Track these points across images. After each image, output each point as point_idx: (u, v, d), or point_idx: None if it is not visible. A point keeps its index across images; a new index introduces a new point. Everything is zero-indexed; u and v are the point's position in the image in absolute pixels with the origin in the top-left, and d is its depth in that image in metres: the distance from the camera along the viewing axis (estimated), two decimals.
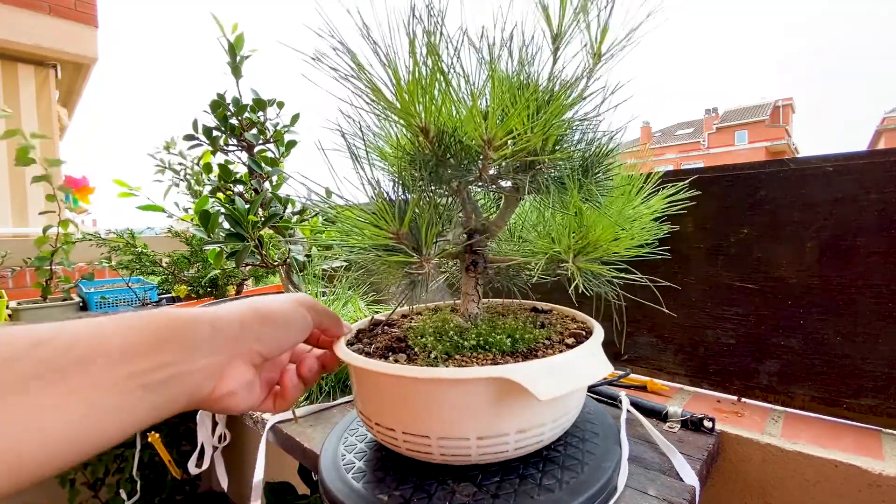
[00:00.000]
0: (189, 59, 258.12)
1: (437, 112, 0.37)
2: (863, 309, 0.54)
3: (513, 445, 0.39)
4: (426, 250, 0.39)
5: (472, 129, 0.36)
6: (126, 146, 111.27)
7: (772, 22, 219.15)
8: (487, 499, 0.38)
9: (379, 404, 0.42)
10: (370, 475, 0.43)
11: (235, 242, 0.85)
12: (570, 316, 0.55)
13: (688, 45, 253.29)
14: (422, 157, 0.39)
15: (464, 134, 0.38)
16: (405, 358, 0.42)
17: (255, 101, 0.95)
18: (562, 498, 0.38)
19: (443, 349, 0.42)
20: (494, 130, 0.36)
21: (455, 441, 0.38)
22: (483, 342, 0.43)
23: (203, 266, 1.46)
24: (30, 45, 2.94)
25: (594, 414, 0.53)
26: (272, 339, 0.36)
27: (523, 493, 0.39)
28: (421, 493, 0.40)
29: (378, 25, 0.36)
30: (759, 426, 0.56)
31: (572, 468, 0.43)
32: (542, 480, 0.41)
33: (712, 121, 34.00)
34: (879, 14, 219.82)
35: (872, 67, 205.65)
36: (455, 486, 0.40)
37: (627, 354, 0.74)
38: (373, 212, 0.38)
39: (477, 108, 0.36)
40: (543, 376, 0.36)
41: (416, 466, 0.43)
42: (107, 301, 1.55)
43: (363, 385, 0.43)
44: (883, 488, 0.46)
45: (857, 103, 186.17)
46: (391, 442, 0.42)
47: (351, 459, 0.46)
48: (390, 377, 0.38)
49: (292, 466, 0.99)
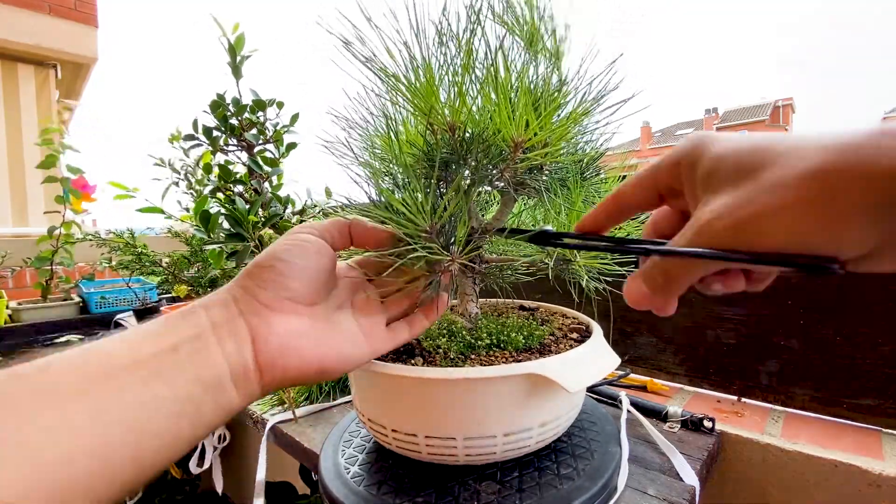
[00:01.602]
0: (189, 60, 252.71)
1: (467, 112, 0.36)
2: (863, 309, 0.54)
3: (535, 439, 0.40)
4: (456, 248, 0.38)
5: (506, 130, 0.35)
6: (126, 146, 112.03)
7: (772, 21, 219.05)
8: (513, 494, 0.39)
9: (397, 410, 0.41)
10: (371, 476, 0.43)
11: (236, 243, 0.85)
12: (558, 312, 0.56)
13: (687, 44, 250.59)
14: (441, 156, 0.38)
15: (492, 134, 0.37)
16: (422, 360, 0.41)
17: (255, 101, 0.95)
18: (583, 484, 0.40)
19: (458, 349, 0.42)
20: (528, 133, 0.35)
21: (481, 440, 0.38)
22: (496, 341, 0.43)
23: (203, 266, 1.46)
24: (30, 45, 2.94)
25: (595, 414, 0.53)
26: (276, 278, 0.31)
27: (546, 485, 0.40)
28: (446, 497, 0.39)
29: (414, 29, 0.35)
30: (759, 426, 0.56)
31: (584, 456, 0.44)
32: (559, 470, 0.42)
33: (712, 121, 34.01)
34: (879, 14, 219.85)
35: (872, 68, 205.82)
36: (478, 486, 0.40)
37: (627, 354, 0.74)
38: (398, 209, 0.37)
39: (509, 111, 0.35)
40: (569, 370, 0.38)
41: (423, 467, 0.43)
42: (107, 301, 1.55)
43: (377, 391, 0.42)
44: (883, 488, 0.46)
45: (857, 103, 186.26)
46: (411, 449, 0.41)
47: (352, 458, 0.46)
48: (414, 380, 0.37)
49: (292, 466, 0.99)
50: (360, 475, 0.43)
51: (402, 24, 0.35)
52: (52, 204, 1.47)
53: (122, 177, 1.11)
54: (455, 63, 0.36)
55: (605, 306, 0.75)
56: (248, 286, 0.31)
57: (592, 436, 0.48)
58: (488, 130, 0.36)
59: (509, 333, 0.44)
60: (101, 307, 1.53)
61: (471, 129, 0.38)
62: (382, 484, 0.42)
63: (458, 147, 0.38)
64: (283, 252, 0.32)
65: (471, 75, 0.36)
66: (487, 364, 0.39)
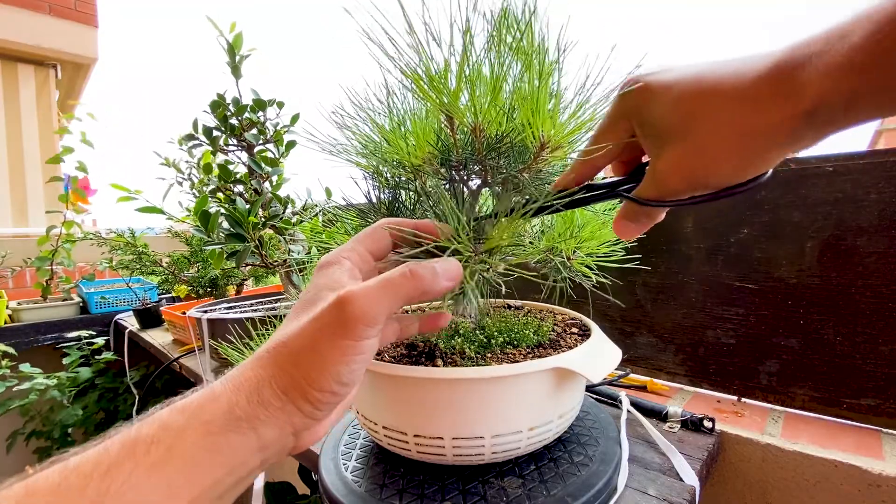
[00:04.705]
0: (189, 60, 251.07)
1: (494, 113, 0.35)
2: (863, 309, 0.54)
3: (554, 431, 0.41)
4: (490, 254, 0.37)
5: (537, 127, 0.34)
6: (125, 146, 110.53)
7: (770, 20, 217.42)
8: (538, 485, 0.40)
9: (422, 415, 0.39)
10: (373, 477, 0.43)
11: (236, 243, 0.85)
12: (545, 309, 0.57)
13: (687, 44, 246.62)
14: (461, 156, 0.38)
15: (517, 135, 0.36)
16: (441, 362, 0.41)
17: (255, 101, 0.95)
18: (599, 468, 0.42)
19: (474, 350, 0.42)
20: (557, 132, 0.34)
21: (508, 437, 0.39)
22: (509, 339, 0.44)
23: (203, 266, 1.46)
24: (30, 45, 2.94)
25: (595, 414, 0.53)
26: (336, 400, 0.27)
27: (567, 473, 0.41)
28: (473, 497, 0.39)
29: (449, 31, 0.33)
30: (759, 426, 0.56)
31: (590, 444, 0.46)
32: (573, 458, 0.43)
33: None
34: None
35: None
36: (501, 482, 0.41)
37: (627, 354, 0.74)
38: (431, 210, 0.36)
39: (545, 110, 0.33)
40: (589, 362, 0.40)
41: (430, 466, 0.43)
42: (107, 301, 1.55)
43: (399, 397, 0.40)
44: (883, 488, 0.46)
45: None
46: (434, 453, 0.40)
47: (351, 458, 0.46)
48: (443, 382, 0.37)
49: (292, 466, 0.99)
50: (360, 475, 0.43)
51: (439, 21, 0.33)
52: (53, 204, 1.47)
53: (122, 177, 1.11)
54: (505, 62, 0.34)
55: (605, 306, 0.75)
56: (307, 411, 0.26)
57: (590, 424, 0.50)
58: (515, 129, 0.35)
59: (521, 331, 0.45)
60: (101, 307, 1.53)
61: (498, 129, 0.36)
62: (385, 486, 0.42)
63: (480, 146, 0.37)
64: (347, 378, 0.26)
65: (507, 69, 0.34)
66: (506, 361, 0.40)
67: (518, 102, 0.35)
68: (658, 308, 0.70)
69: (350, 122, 0.41)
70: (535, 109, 0.33)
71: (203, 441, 0.23)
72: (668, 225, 0.68)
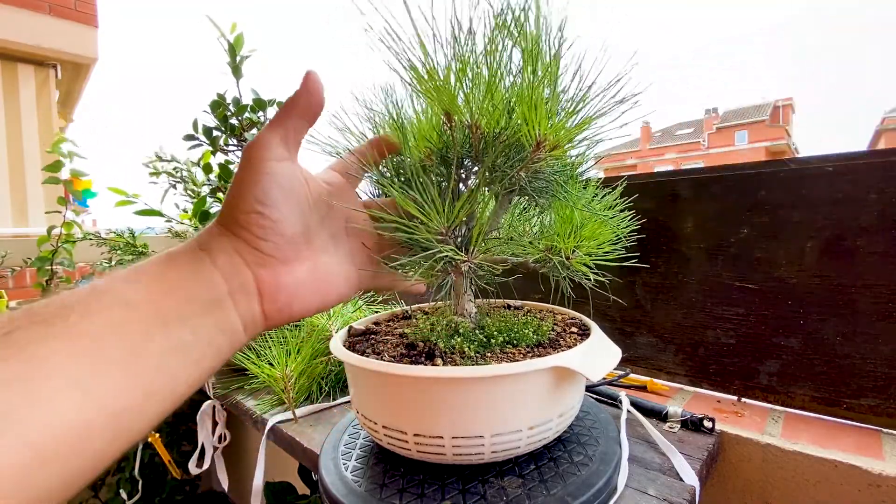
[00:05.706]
0: (189, 60, 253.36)
1: (491, 111, 0.35)
2: (863, 309, 0.54)
3: (553, 430, 0.41)
4: (473, 247, 0.37)
5: (532, 126, 0.35)
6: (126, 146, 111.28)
7: (771, 19, 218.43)
8: (538, 485, 0.40)
9: (421, 415, 0.39)
10: (373, 477, 0.43)
11: None
12: (545, 309, 0.56)
13: (686, 44, 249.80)
14: (458, 153, 0.38)
15: (513, 133, 0.36)
16: (441, 362, 0.41)
17: (256, 101, 0.95)
18: (599, 468, 0.42)
19: (474, 349, 0.42)
20: (553, 130, 0.35)
21: (507, 436, 0.39)
22: (509, 338, 0.44)
23: None
24: (30, 45, 2.94)
25: (594, 414, 0.53)
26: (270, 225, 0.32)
27: (566, 473, 0.41)
28: (473, 496, 0.39)
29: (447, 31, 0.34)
30: (759, 426, 0.56)
31: (590, 444, 0.46)
32: (572, 458, 0.43)
33: (712, 121, 33.98)
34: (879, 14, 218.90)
35: (872, 68, 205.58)
36: (501, 482, 0.41)
37: (627, 354, 0.74)
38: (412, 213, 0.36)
39: (543, 108, 0.34)
40: (589, 360, 0.40)
41: (429, 466, 0.43)
42: None
43: (398, 396, 0.40)
44: (883, 488, 0.46)
45: (857, 103, 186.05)
46: (434, 452, 0.40)
47: (351, 458, 0.46)
48: (443, 381, 0.37)
49: (292, 466, 0.99)
50: (360, 475, 0.43)
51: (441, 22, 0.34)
52: (53, 204, 1.47)
53: (122, 177, 1.11)
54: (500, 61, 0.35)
55: (605, 306, 0.75)
56: (247, 238, 0.31)
57: (590, 424, 0.50)
58: (511, 127, 0.36)
59: (520, 330, 0.45)
60: None
61: (495, 127, 0.37)
62: (385, 486, 0.42)
63: (477, 144, 0.37)
64: (262, 196, 0.31)
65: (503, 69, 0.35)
66: (506, 361, 0.40)
67: (516, 100, 0.35)
68: (658, 308, 0.70)
69: (350, 124, 0.41)
70: (531, 106, 0.33)
71: (166, 259, 0.29)
72: (668, 225, 0.68)
